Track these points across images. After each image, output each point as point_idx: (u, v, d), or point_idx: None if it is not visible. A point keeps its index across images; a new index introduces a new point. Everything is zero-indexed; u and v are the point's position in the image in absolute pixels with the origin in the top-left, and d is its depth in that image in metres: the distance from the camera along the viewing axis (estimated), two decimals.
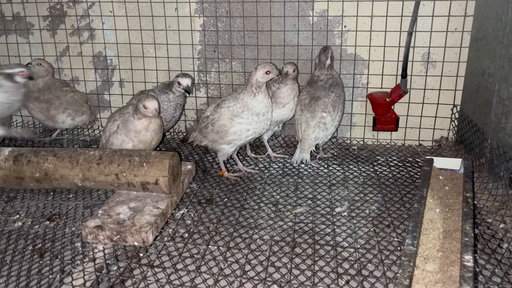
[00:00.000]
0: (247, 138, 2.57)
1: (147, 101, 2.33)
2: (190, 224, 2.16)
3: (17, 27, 3.38)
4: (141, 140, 2.43)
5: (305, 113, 2.74)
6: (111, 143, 2.46)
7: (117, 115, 2.52)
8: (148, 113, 2.36)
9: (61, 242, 2.02)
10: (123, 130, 2.43)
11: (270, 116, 2.55)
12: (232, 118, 2.48)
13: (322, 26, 3.02)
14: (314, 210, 2.29)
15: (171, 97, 2.74)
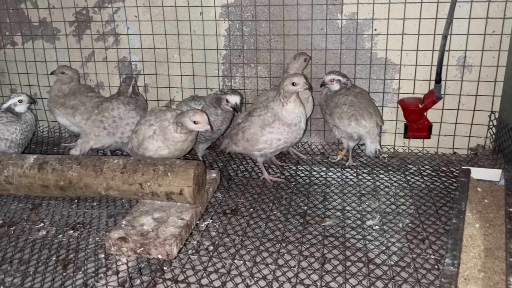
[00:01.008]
0: (278, 148, 2.50)
1: (198, 116, 2.25)
2: (215, 236, 2.09)
3: (43, 33, 3.40)
4: (178, 148, 2.39)
5: (357, 104, 2.66)
6: (145, 147, 2.39)
7: (153, 119, 2.42)
8: (199, 128, 2.29)
9: (85, 253, 1.98)
10: (160, 136, 2.36)
11: (303, 125, 2.46)
12: (262, 127, 2.42)
13: (351, 30, 2.91)
14: (344, 223, 2.18)
15: (219, 112, 2.61)
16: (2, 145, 2.66)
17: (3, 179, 2.29)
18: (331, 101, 2.75)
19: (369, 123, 2.64)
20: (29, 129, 2.86)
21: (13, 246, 2.06)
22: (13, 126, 2.72)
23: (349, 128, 2.68)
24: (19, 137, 2.73)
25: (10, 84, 3.59)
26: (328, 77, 2.77)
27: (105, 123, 2.75)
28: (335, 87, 2.77)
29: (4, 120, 2.71)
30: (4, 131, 2.67)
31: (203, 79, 3.25)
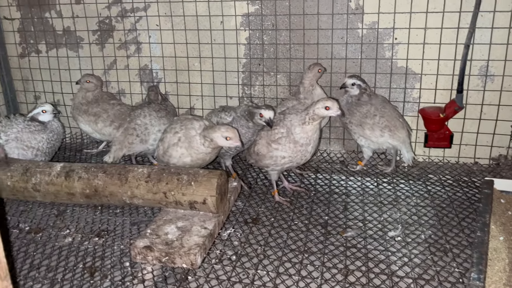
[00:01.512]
0: (283, 166, 2.46)
1: (230, 132, 2.28)
2: (238, 245, 2.11)
3: (67, 41, 3.47)
4: (201, 158, 2.41)
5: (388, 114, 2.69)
6: (170, 155, 2.43)
7: (178, 126, 2.44)
8: (230, 144, 2.31)
9: (111, 260, 2.02)
10: (185, 144, 2.38)
11: (310, 149, 2.39)
12: (269, 144, 2.41)
13: (371, 39, 2.92)
14: (365, 234, 2.19)
15: (250, 125, 2.56)
16: (29, 153, 2.72)
17: (31, 186, 2.35)
18: (356, 111, 2.75)
19: (403, 133, 2.67)
20: (56, 138, 2.92)
21: (40, 253, 2.11)
22: (40, 134, 2.78)
23: (381, 139, 2.69)
24: (45, 146, 2.79)
25: (34, 91, 3.67)
26: (350, 80, 2.77)
27: (138, 131, 2.79)
28: (355, 92, 2.77)
29: (32, 129, 2.77)
30: (31, 139, 2.74)
31: (223, 87, 3.29)
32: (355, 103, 2.77)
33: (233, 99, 3.30)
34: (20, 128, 2.75)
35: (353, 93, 2.78)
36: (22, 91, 3.69)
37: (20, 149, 2.72)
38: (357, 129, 2.76)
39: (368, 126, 2.70)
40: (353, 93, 2.78)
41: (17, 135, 2.73)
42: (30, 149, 2.73)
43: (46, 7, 3.39)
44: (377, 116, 2.69)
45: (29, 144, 2.72)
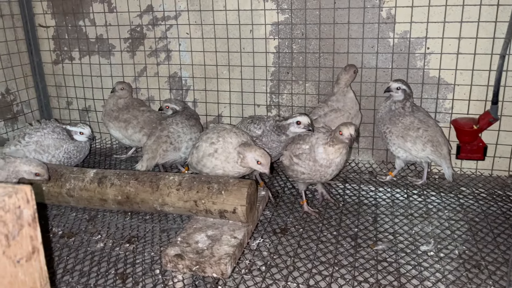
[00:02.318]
0: (305, 180, 2.45)
1: (263, 159, 2.23)
2: (267, 256, 2.11)
3: (99, 48, 3.55)
4: (233, 173, 2.37)
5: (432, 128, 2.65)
6: (203, 164, 2.41)
7: (215, 137, 2.38)
8: (259, 168, 2.27)
9: (142, 267, 2.04)
10: (221, 157, 2.34)
11: (330, 171, 2.33)
12: (291, 157, 2.40)
13: (402, 48, 2.88)
14: (396, 247, 2.15)
15: (283, 139, 2.50)
16: (44, 157, 2.79)
17: (65, 191, 2.40)
18: (399, 121, 2.69)
19: (444, 150, 2.63)
20: (75, 155, 2.93)
21: (73, 258, 2.15)
22: (60, 143, 2.84)
23: (422, 153, 2.65)
24: (61, 155, 2.84)
25: (67, 97, 3.76)
26: (395, 84, 2.69)
27: (171, 138, 2.81)
28: (399, 97, 2.70)
29: (55, 136, 2.84)
30: (50, 145, 2.81)
31: (251, 95, 3.30)
32: (398, 113, 2.70)
33: (260, 107, 3.31)
34: (44, 133, 2.84)
35: (398, 98, 2.71)
36: (55, 97, 3.79)
37: (37, 152, 2.80)
38: (397, 140, 2.70)
39: (410, 139, 2.65)
40: (397, 98, 2.71)
41: (38, 139, 2.81)
42: (45, 153, 2.80)
43: (80, 15, 3.48)
44: (421, 130, 2.63)
45: (46, 149, 2.80)
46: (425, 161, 2.75)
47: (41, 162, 2.30)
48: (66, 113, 3.81)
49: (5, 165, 2.20)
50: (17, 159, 2.25)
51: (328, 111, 2.84)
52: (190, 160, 2.57)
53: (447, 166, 2.66)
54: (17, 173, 2.23)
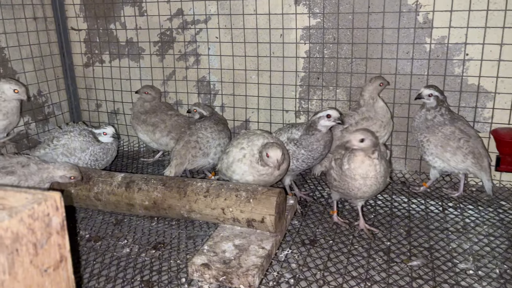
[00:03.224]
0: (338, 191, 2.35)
1: (270, 150, 2.19)
2: (296, 268, 2.03)
3: (129, 52, 3.56)
4: (262, 180, 2.31)
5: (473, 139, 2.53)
6: (233, 170, 2.36)
7: (245, 142, 2.36)
8: (270, 162, 2.23)
9: (168, 275, 2.00)
10: (248, 161, 2.30)
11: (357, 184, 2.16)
12: (331, 160, 2.34)
13: (439, 54, 2.77)
14: (432, 264, 2.04)
15: (318, 136, 2.44)
16: (70, 160, 2.81)
17: (93, 195, 2.40)
18: (437, 130, 2.57)
19: (485, 162, 2.51)
20: (102, 157, 2.92)
21: (100, 262, 2.14)
22: (87, 146, 2.85)
23: (461, 165, 2.53)
24: (88, 158, 2.85)
25: (96, 100, 3.80)
26: (427, 91, 2.57)
27: (200, 144, 2.77)
28: (432, 104, 2.58)
29: (81, 139, 2.85)
30: (76, 148, 2.83)
31: (280, 100, 3.24)
32: (438, 122, 2.58)
33: (289, 113, 3.25)
34: (71, 136, 2.86)
35: (430, 105, 2.59)
36: (85, 99, 3.83)
37: (64, 155, 2.82)
38: (436, 149, 2.58)
39: (450, 149, 2.53)
40: (430, 105, 2.59)
41: (66, 142, 2.84)
42: (72, 156, 2.82)
43: (112, 18, 3.50)
44: (462, 140, 2.51)
45: (73, 152, 2.81)
46: (463, 172, 2.62)
47: (73, 165, 2.31)
48: (95, 115, 3.85)
49: (38, 171, 2.21)
50: (50, 164, 2.26)
51: (359, 120, 2.75)
52: (220, 166, 2.52)
53: (487, 179, 2.53)
54: (51, 178, 2.24)
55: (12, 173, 2.18)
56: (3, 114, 2.74)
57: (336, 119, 2.38)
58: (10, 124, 2.84)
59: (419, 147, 2.70)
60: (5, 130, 2.86)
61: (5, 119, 2.77)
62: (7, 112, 2.76)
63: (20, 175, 2.18)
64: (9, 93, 2.75)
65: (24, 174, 2.19)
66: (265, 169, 2.28)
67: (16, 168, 2.20)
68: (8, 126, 2.84)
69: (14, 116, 2.83)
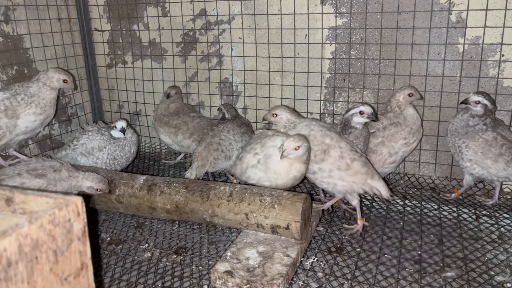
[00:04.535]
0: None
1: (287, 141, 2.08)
2: (322, 277, 1.95)
3: (152, 53, 3.54)
4: (279, 184, 2.21)
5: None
6: (248, 176, 2.28)
7: (258, 148, 2.27)
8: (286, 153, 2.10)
9: (190, 282, 1.94)
10: (263, 166, 2.21)
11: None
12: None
13: (473, 55, 2.64)
14: (468, 276, 1.93)
15: (357, 133, 2.41)
16: (89, 159, 2.79)
17: (115, 198, 2.36)
18: (478, 136, 2.41)
19: None
20: (119, 155, 2.86)
21: (120, 266, 2.09)
22: (104, 144, 2.82)
23: (502, 172, 2.39)
24: (105, 157, 2.81)
25: (119, 101, 3.79)
26: (475, 97, 2.39)
27: (223, 146, 2.70)
28: (478, 111, 2.40)
29: (98, 138, 2.83)
30: (94, 147, 2.80)
31: (304, 102, 3.16)
32: (479, 129, 2.42)
33: (313, 115, 3.16)
34: (89, 135, 2.84)
35: (476, 113, 2.41)
36: (108, 100, 3.82)
37: (83, 155, 2.80)
38: (475, 156, 2.42)
39: (492, 156, 2.38)
40: (475, 112, 2.41)
41: (85, 141, 2.82)
42: (90, 156, 2.80)
43: (135, 19, 3.49)
44: (504, 147, 2.36)
45: (91, 151, 2.79)
46: (502, 180, 2.48)
47: (102, 177, 2.26)
48: (117, 116, 3.83)
49: (68, 178, 2.18)
50: (80, 173, 2.22)
51: (387, 124, 2.63)
52: (234, 171, 2.44)
53: None
54: (79, 187, 2.21)
55: (42, 176, 2.15)
56: (41, 107, 2.60)
57: (370, 115, 2.33)
58: (47, 118, 2.71)
59: (455, 152, 2.56)
60: (42, 125, 2.72)
61: (43, 113, 2.63)
62: (45, 105, 2.62)
63: (50, 179, 2.16)
64: (58, 83, 2.65)
65: (54, 178, 2.16)
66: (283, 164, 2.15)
67: (48, 171, 2.18)
68: (45, 120, 2.71)
69: (51, 109, 2.70)
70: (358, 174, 2.22)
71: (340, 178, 2.23)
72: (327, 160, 2.22)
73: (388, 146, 2.57)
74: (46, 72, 2.63)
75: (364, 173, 2.22)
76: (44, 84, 2.59)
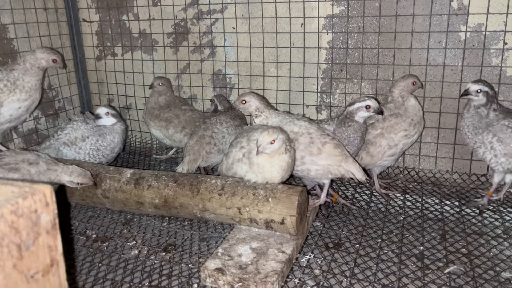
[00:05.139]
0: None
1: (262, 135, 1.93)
2: (319, 274, 1.84)
3: (142, 44, 3.42)
4: (265, 177, 2.04)
5: None
6: (234, 172, 2.15)
7: (244, 141, 2.13)
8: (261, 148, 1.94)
9: (178, 281, 1.83)
10: (248, 160, 2.08)
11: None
12: None
13: (475, 43, 2.54)
14: (473, 272, 1.82)
15: (356, 127, 2.30)
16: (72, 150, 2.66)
17: (100, 192, 2.24)
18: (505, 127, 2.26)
19: None
20: (102, 144, 2.70)
21: (106, 265, 1.97)
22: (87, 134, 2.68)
23: None
24: (88, 147, 2.67)
25: (108, 94, 3.66)
26: (475, 86, 2.27)
27: (215, 139, 2.59)
28: (481, 101, 2.28)
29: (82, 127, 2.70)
30: (78, 137, 2.67)
31: (300, 94, 3.05)
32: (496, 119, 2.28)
33: (309, 107, 3.05)
34: (73, 124, 2.72)
35: (479, 103, 2.29)
36: (97, 94, 3.69)
37: (66, 145, 2.67)
38: (499, 145, 2.26)
39: None
40: (478, 102, 2.29)
41: (69, 131, 2.69)
42: (73, 146, 2.66)
43: (124, 9, 3.36)
44: None
45: (74, 141, 2.66)
46: None
47: (83, 170, 2.12)
48: None
49: (46, 171, 2.05)
50: (59, 167, 2.09)
51: (387, 115, 2.51)
52: (220, 168, 2.29)
53: None
54: (59, 181, 2.09)
55: (16, 170, 2.03)
56: (26, 92, 2.47)
57: (376, 110, 2.24)
58: (33, 104, 2.60)
59: (485, 151, 2.33)
60: (28, 111, 2.61)
61: (28, 98, 2.51)
62: (30, 89, 2.49)
63: (24, 174, 2.03)
64: (47, 63, 2.54)
65: (29, 172, 2.03)
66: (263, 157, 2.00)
67: (21, 165, 2.05)
68: (31, 106, 2.59)
69: (37, 93, 2.57)
70: (332, 157, 2.14)
71: (312, 163, 2.15)
72: (297, 148, 2.14)
73: (388, 138, 2.46)
74: (33, 53, 2.52)
75: (338, 154, 2.14)
76: (32, 65, 2.48)
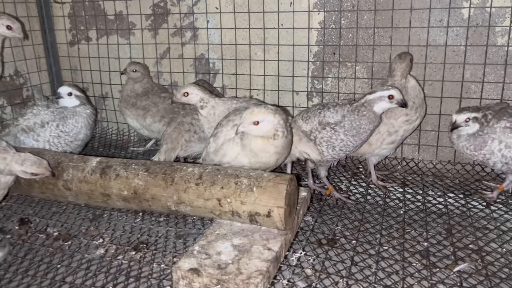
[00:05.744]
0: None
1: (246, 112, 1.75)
2: (311, 274, 1.60)
3: (118, 27, 3.15)
4: (259, 160, 1.86)
5: None
6: (224, 153, 1.93)
7: (237, 119, 1.92)
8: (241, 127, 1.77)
9: (147, 283, 1.57)
10: (239, 140, 1.87)
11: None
12: None
13: (480, 21, 2.33)
14: (486, 270, 1.59)
15: (372, 117, 2.03)
16: (30, 137, 2.39)
17: (62, 184, 1.97)
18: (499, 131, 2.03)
19: None
20: (63, 130, 2.43)
21: (65, 266, 1.71)
22: (47, 119, 2.42)
23: None
24: (48, 134, 2.40)
25: (82, 82, 3.38)
26: (462, 116, 2.05)
27: (196, 126, 2.35)
28: (473, 128, 2.06)
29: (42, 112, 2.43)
30: (37, 123, 2.40)
31: (289, 79, 2.81)
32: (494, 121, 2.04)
33: (300, 94, 2.81)
34: (34, 109, 2.45)
35: (471, 131, 2.07)
36: (70, 82, 3.41)
37: (23, 132, 2.40)
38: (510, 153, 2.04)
39: None
40: (470, 130, 2.07)
41: (29, 116, 2.43)
42: (31, 132, 2.39)
43: None
44: None
45: (32, 127, 2.39)
46: None
47: (37, 159, 1.84)
48: None
49: None
50: (9, 154, 1.82)
51: None
52: (205, 152, 2.06)
53: None
54: (10, 171, 1.82)
55: None
56: None
57: (400, 101, 1.98)
58: None
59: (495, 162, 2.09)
60: None
61: None
62: None
63: None
64: (1, 30, 2.27)
65: None
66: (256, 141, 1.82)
67: None
68: None
69: None
70: None
71: None
72: None
73: (387, 123, 2.23)
74: None
75: None
76: None
